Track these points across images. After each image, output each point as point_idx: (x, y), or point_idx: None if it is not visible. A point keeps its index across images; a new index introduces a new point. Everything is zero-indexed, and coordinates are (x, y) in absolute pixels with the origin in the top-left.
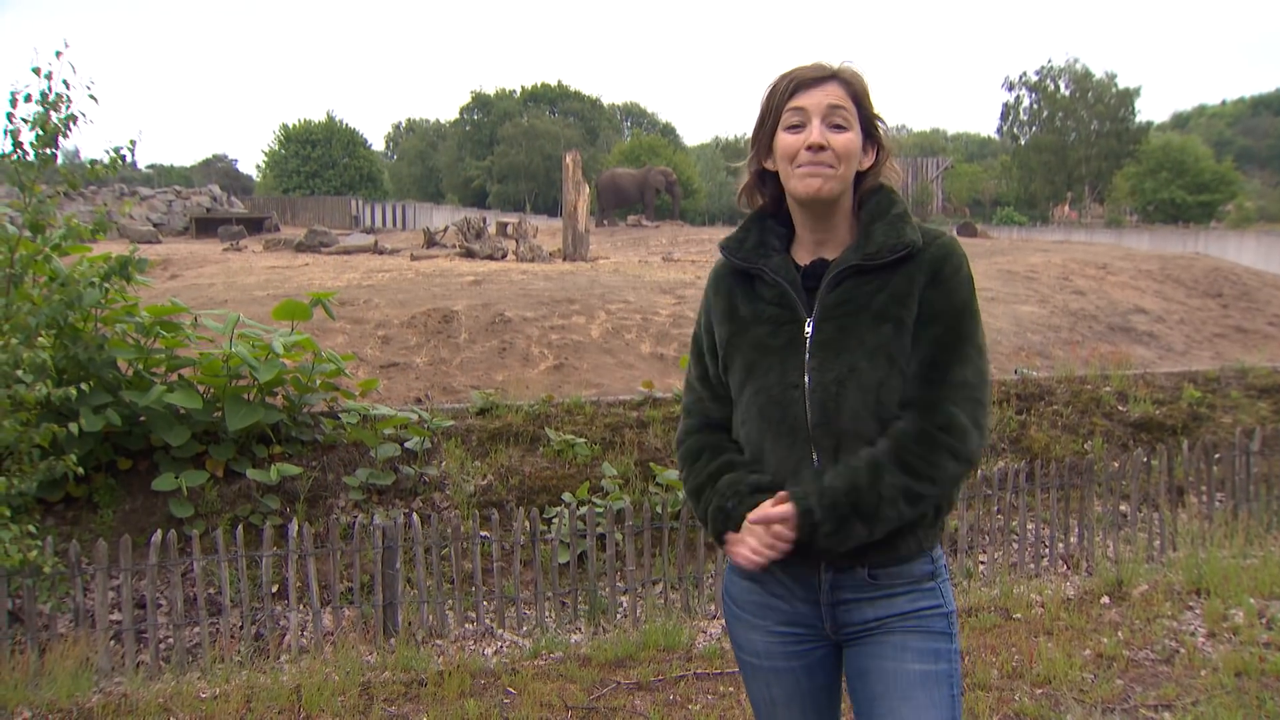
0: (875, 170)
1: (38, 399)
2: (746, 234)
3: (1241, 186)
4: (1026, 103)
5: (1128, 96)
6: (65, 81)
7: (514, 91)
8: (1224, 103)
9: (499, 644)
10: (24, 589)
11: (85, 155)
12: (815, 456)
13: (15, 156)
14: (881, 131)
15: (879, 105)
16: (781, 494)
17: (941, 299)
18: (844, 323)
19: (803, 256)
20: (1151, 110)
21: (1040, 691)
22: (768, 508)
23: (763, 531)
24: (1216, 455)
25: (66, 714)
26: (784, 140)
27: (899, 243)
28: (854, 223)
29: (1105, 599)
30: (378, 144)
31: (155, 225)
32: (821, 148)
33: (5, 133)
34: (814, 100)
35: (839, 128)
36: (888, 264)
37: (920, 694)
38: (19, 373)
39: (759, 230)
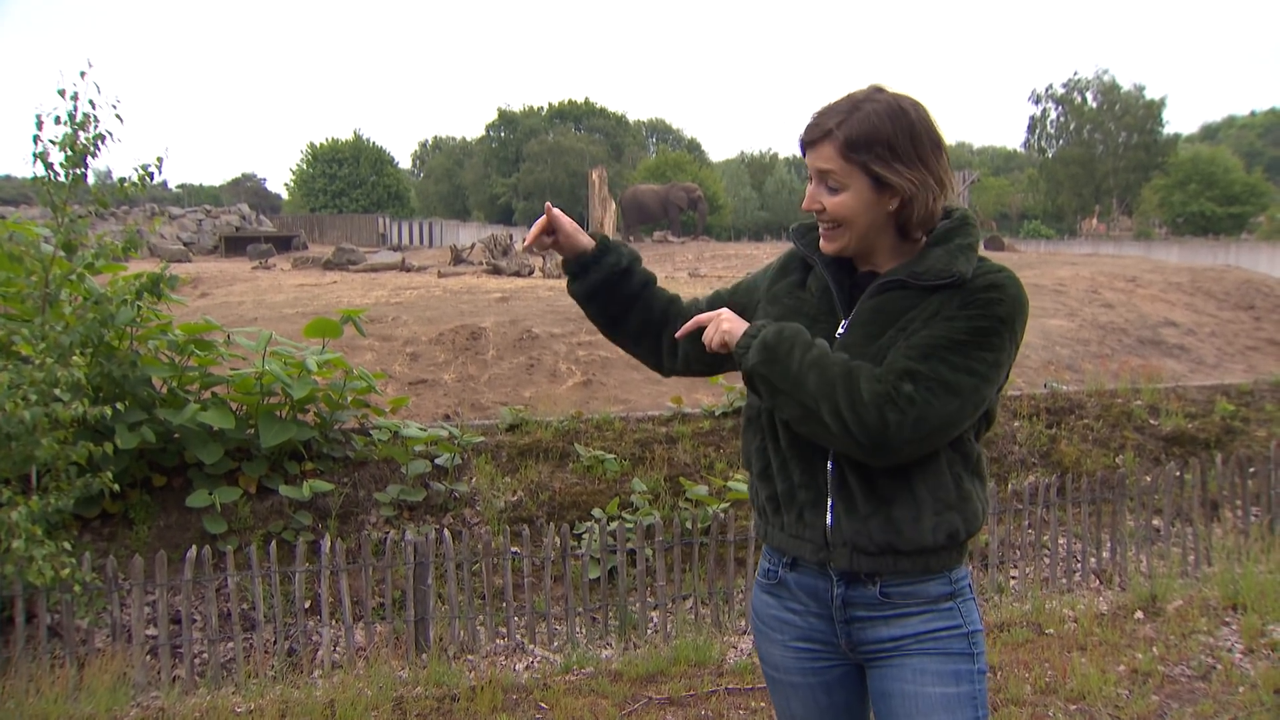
0: (909, 209)
1: (74, 417)
2: (815, 226)
3: (1273, 198)
4: (1053, 115)
5: (1155, 108)
6: (92, 101)
7: (540, 109)
8: (1253, 113)
9: (530, 659)
10: (62, 604)
11: (116, 176)
12: (830, 464)
13: (46, 177)
14: (891, 178)
15: (899, 148)
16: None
17: (965, 314)
18: (871, 330)
19: (860, 266)
20: (1180, 122)
21: (1074, 708)
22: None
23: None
24: (1251, 469)
25: None
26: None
27: (947, 270)
28: (902, 246)
29: (1139, 614)
30: (405, 162)
31: (186, 244)
32: (821, 209)
33: (34, 156)
34: (811, 163)
35: (832, 190)
36: (930, 287)
37: (944, 717)
38: (56, 391)
39: None
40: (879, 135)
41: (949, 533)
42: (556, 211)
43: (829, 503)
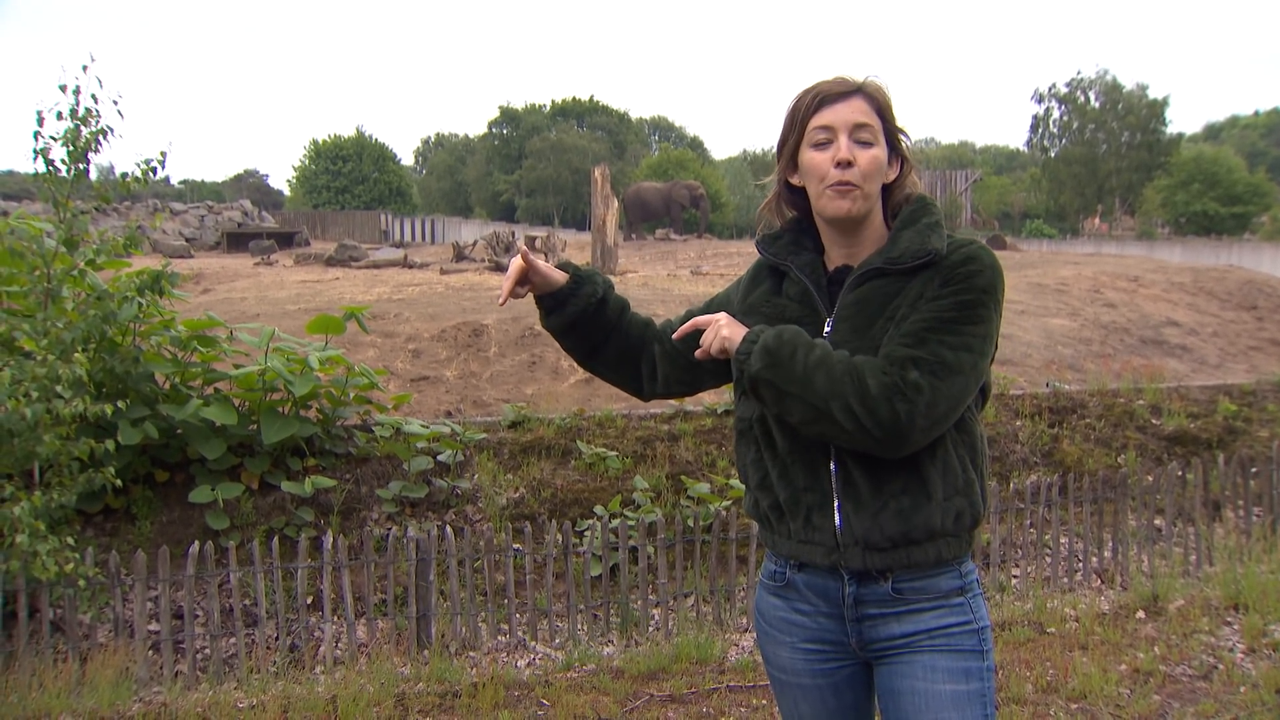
0: (900, 182)
1: (76, 413)
2: (783, 233)
3: (1276, 198)
4: (1056, 115)
5: (1158, 108)
6: (94, 96)
7: (543, 106)
8: (1257, 113)
9: (532, 656)
10: (65, 599)
11: (119, 171)
12: (833, 464)
13: (48, 173)
14: (904, 144)
15: (901, 118)
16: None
17: (948, 291)
18: (858, 323)
19: (832, 262)
20: (1183, 121)
21: (1076, 707)
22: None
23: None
24: (1253, 469)
25: None
26: (810, 158)
27: (922, 249)
28: (884, 233)
29: (1141, 614)
30: (407, 159)
31: (188, 240)
32: (849, 164)
33: (35, 151)
34: (840, 116)
35: (865, 144)
36: (909, 269)
37: (953, 714)
38: (58, 388)
39: (795, 231)
40: (890, 106)
41: (956, 515)
42: (532, 256)
43: (836, 503)
